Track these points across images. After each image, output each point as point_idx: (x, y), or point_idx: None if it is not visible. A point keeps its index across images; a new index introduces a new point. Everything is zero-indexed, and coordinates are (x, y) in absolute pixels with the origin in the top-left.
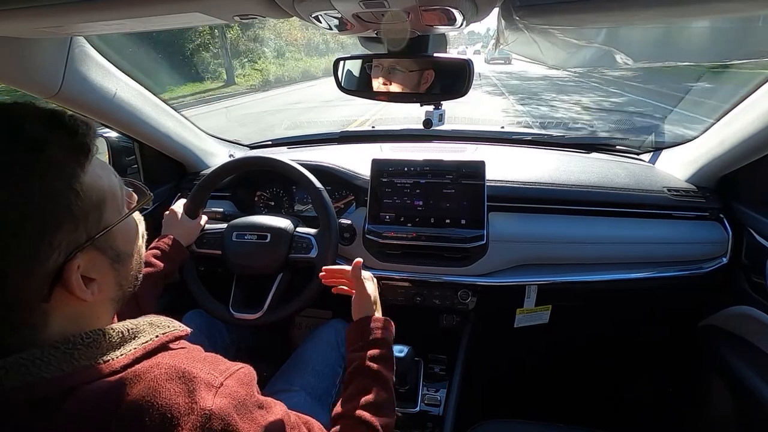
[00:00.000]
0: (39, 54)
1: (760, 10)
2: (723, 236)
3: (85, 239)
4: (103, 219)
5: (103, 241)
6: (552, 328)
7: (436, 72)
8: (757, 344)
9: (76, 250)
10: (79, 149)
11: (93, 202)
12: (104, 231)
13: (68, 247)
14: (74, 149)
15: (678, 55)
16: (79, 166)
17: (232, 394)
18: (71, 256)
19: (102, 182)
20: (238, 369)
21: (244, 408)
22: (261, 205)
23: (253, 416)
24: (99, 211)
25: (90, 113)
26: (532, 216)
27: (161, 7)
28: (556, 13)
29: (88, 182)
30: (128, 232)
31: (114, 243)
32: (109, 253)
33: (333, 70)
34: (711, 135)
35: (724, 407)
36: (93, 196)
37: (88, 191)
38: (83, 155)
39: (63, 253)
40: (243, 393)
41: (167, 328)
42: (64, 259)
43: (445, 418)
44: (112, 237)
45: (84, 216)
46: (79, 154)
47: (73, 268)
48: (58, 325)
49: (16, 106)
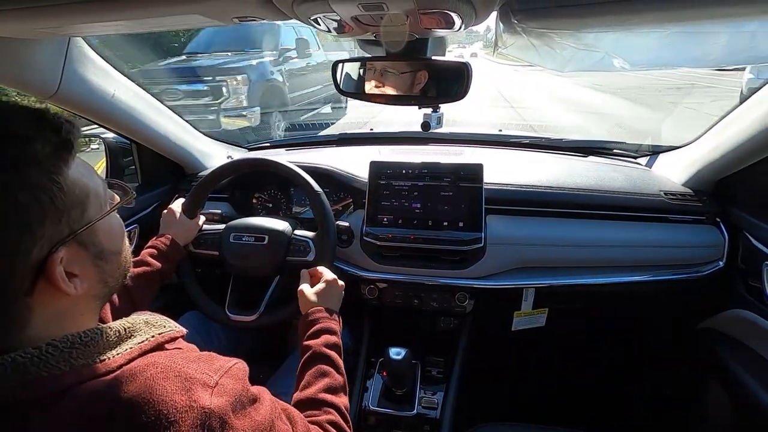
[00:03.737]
0: (37, 54)
1: (758, 16)
2: (719, 240)
3: (67, 233)
4: (86, 215)
5: (85, 236)
6: (549, 331)
7: (435, 75)
8: (753, 347)
9: (59, 243)
10: (63, 146)
11: (76, 197)
12: (87, 226)
13: (51, 240)
14: (59, 146)
15: (675, 61)
16: (63, 162)
17: (228, 392)
18: (54, 250)
19: (85, 179)
20: (231, 366)
21: (240, 404)
22: (259, 206)
23: (248, 411)
24: (82, 207)
25: (88, 114)
26: (529, 219)
27: (160, 9)
28: (554, 17)
29: (72, 178)
30: (111, 230)
31: (97, 239)
32: (91, 249)
33: (332, 72)
34: (707, 139)
35: (722, 410)
36: (76, 191)
37: (72, 186)
38: (66, 151)
39: (46, 246)
40: (238, 389)
41: (163, 328)
42: (47, 252)
43: (443, 421)
44: (95, 233)
45: (67, 210)
46: (63, 151)
47: (56, 261)
48: (40, 322)
49: (3, 104)
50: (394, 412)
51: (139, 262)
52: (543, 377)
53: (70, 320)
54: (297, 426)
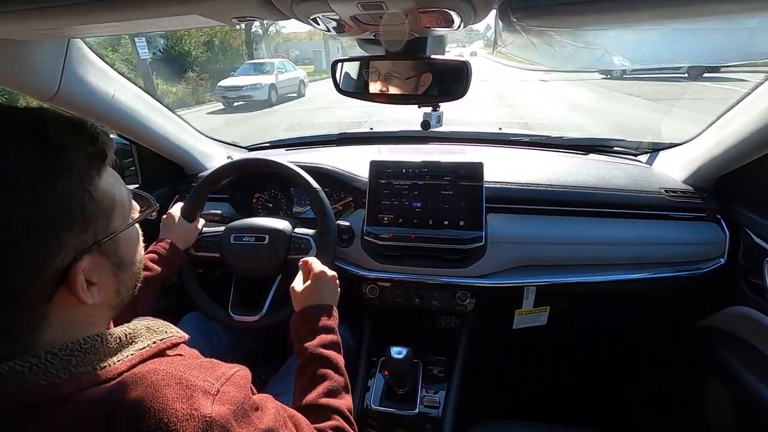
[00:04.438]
0: (37, 56)
1: (757, 12)
2: (720, 237)
3: (92, 242)
4: (111, 225)
5: (108, 246)
6: (550, 329)
7: (434, 74)
8: (755, 344)
9: (83, 252)
10: (98, 156)
11: (104, 208)
12: (111, 236)
13: (76, 249)
14: (93, 156)
15: (675, 58)
16: (96, 172)
17: (230, 400)
18: (78, 258)
19: (114, 189)
20: (234, 373)
21: (242, 412)
22: (259, 207)
23: (250, 419)
24: (108, 217)
25: (87, 115)
26: (530, 217)
27: (159, 10)
28: (554, 15)
29: (102, 188)
30: (131, 241)
31: (118, 249)
32: (112, 258)
33: (331, 72)
34: (708, 136)
35: (723, 408)
36: (104, 202)
37: (101, 196)
38: (100, 161)
39: (70, 254)
40: (240, 397)
41: (165, 333)
42: (71, 260)
43: (444, 420)
44: (117, 243)
45: (94, 220)
46: (97, 161)
47: (78, 270)
48: (55, 330)
49: (39, 110)
50: (396, 412)
51: None
52: (544, 376)
53: (80, 329)
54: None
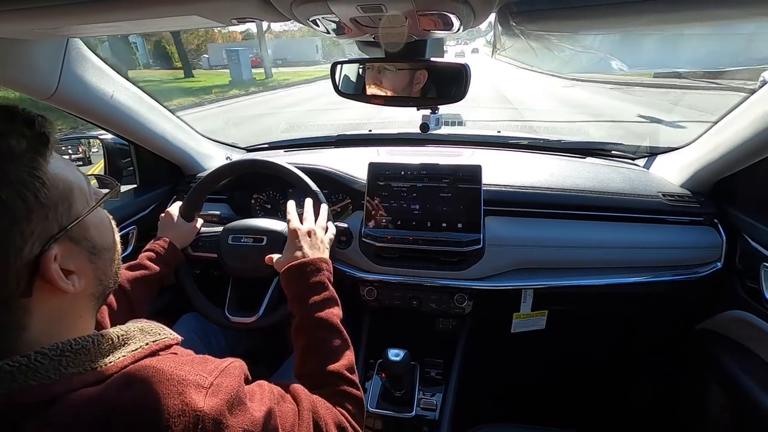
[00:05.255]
0: (35, 55)
1: (755, 18)
2: (717, 241)
3: (57, 229)
4: (73, 209)
5: (77, 231)
6: (547, 332)
7: (434, 77)
8: (751, 348)
9: (50, 240)
10: (38, 140)
11: (60, 192)
12: (76, 221)
13: (42, 237)
14: (33, 140)
15: (673, 62)
16: (41, 156)
17: (224, 390)
18: (47, 247)
19: (66, 173)
20: (227, 365)
21: (236, 401)
22: (257, 208)
23: (245, 407)
24: (68, 202)
25: (86, 115)
26: (528, 220)
27: (159, 10)
28: (553, 20)
29: (53, 172)
30: (101, 225)
31: (88, 234)
32: (84, 244)
33: (330, 74)
34: (705, 140)
35: (720, 411)
36: (59, 186)
37: (54, 181)
38: (42, 145)
39: (38, 244)
40: (234, 386)
41: (158, 335)
42: (39, 250)
43: (441, 423)
44: (86, 228)
45: (53, 205)
46: (39, 145)
47: (49, 258)
48: (39, 326)
49: None
50: (393, 414)
51: (137, 266)
52: (541, 378)
53: (68, 323)
54: (302, 403)
